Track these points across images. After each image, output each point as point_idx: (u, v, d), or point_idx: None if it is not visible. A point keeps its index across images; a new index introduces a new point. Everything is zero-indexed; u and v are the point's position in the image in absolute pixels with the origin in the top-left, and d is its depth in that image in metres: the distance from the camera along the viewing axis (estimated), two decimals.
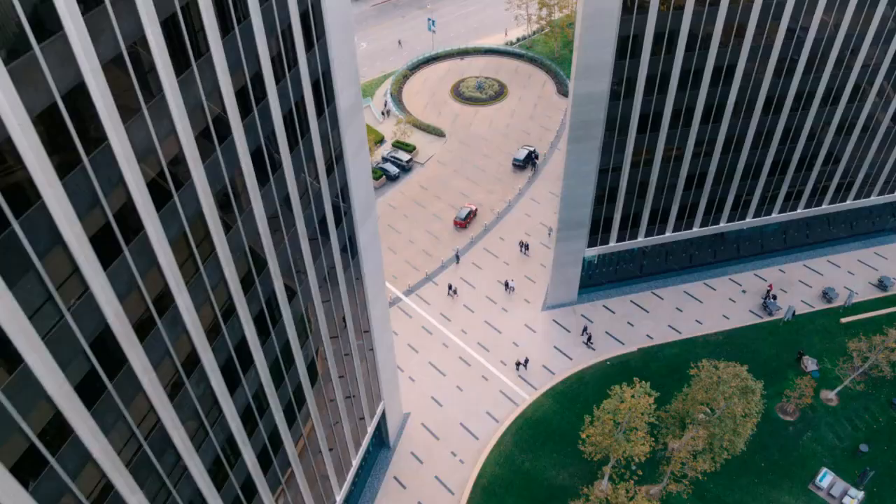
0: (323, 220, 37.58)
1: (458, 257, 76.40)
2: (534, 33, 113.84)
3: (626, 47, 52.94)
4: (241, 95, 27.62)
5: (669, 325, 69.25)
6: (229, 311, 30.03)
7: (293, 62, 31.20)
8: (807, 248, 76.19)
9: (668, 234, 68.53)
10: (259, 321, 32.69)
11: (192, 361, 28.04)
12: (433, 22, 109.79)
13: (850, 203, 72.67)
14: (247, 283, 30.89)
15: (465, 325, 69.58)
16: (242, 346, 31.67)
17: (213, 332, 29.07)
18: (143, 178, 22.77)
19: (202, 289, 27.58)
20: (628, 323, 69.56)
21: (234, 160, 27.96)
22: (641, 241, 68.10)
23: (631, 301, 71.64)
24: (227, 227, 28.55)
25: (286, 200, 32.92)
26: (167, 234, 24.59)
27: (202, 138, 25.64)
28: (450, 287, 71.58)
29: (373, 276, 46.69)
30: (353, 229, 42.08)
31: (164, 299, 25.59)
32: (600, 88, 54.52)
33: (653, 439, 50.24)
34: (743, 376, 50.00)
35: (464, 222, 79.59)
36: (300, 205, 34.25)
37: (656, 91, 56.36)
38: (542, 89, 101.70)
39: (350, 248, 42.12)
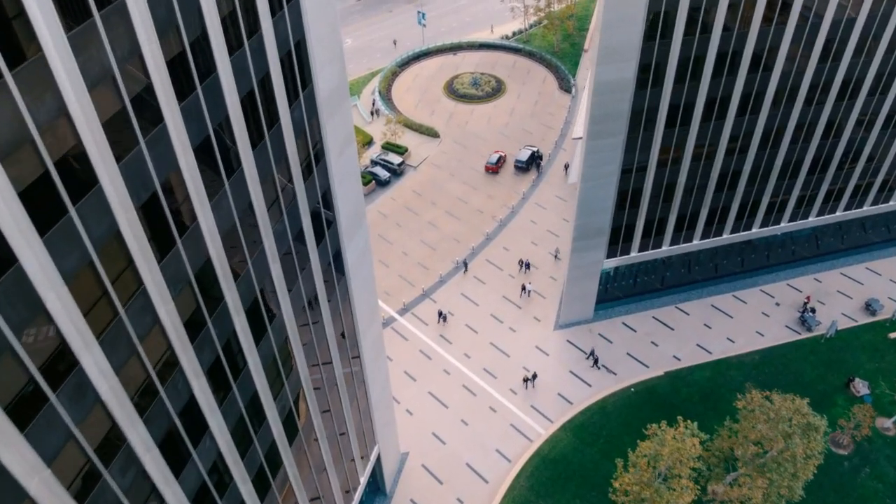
0: (300, 236, 29.51)
1: (465, 265, 68.45)
2: (531, 26, 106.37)
3: (657, 26, 45.26)
4: (176, 67, 19.58)
5: (698, 345, 61.49)
6: (169, 366, 21.88)
7: (254, 26, 23.16)
8: (842, 254, 68.75)
9: (695, 241, 60.86)
10: (214, 374, 24.54)
11: (113, 443, 19.87)
12: (423, 15, 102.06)
13: (893, 204, 65.31)
14: (194, 327, 22.77)
15: (469, 348, 61.53)
16: (191, 411, 23.51)
17: (144, 399, 20.92)
18: (11, 185, 14.68)
19: (123, 342, 19.44)
20: (652, 342, 61.73)
21: (167, 158, 19.89)
22: (666, 250, 60.39)
23: (653, 317, 63.86)
24: (162, 250, 20.47)
25: (248, 212, 24.82)
26: (59, 266, 16.47)
27: (115, 126, 17.57)
28: (440, 314, 63.25)
29: (364, 301, 38.64)
30: (340, 245, 34.02)
31: (64, 359, 17.46)
32: (625, 75, 46.78)
33: (698, 488, 42.41)
34: (804, 412, 42.32)
35: (495, 167, 79.56)
36: (268, 217, 26.15)
37: (688, 78, 48.70)
38: (542, 85, 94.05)
39: (335, 268, 34.05)
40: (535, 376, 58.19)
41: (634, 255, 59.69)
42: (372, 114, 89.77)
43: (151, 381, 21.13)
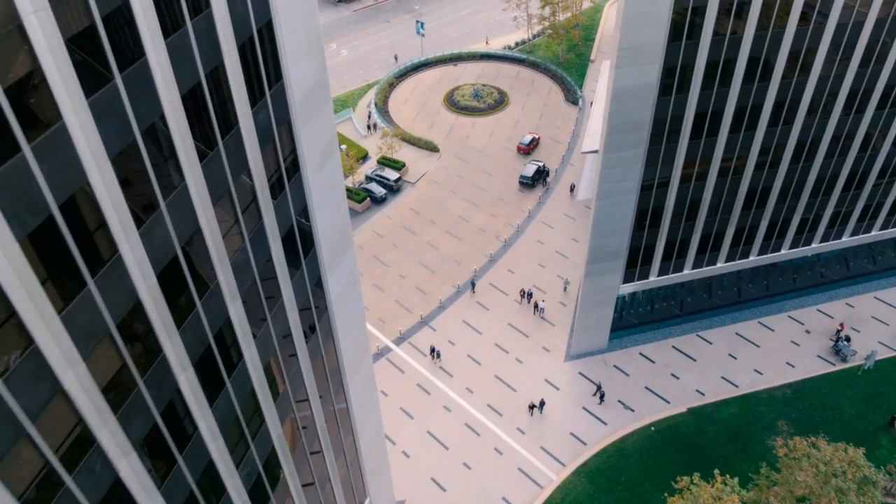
0: (269, 267, 24.16)
1: (473, 285, 63.14)
2: (535, 37, 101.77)
3: (683, 24, 40.23)
4: (82, 46, 14.36)
5: (723, 377, 55.96)
6: (81, 444, 16.46)
7: (200, 1, 17.97)
8: (875, 276, 63.38)
9: (719, 264, 55.53)
10: (153, 448, 19.12)
11: None
12: (422, 25, 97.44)
13: None
14: (119, 391, 17.38)
15: (471, 382, 55.97)
16: (119, 500, 18.04)
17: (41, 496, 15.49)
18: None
19: (7, 423, 14.06)
20: (672, 375, 56.20)
21: (71, 168, 14.60)
22: (688, 273, 55.03)
23: (673, 347, 58.36)
24: (66, 294, 15.13)
25: (195, 240, 19.50)
26: None
27: None
28: (432, 350, 57.50)
29: (351, 340, 33.20)
30: (320, 275, 28.66)
31: None
32: (647, 79, 41.70)
33: None
34: (860, 463, 36.75)
35: (527, 147, 78.60)
36: (223, 246, 20.81)
37: (717, 83, 43.61)
38: (547, 97, 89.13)
39: (315, 303, 28.66)
40: (542, 403, 52.85)
41: (653, 280, 54.34)
42: (368, 127, 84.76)
43: (53, 471, 15.70)
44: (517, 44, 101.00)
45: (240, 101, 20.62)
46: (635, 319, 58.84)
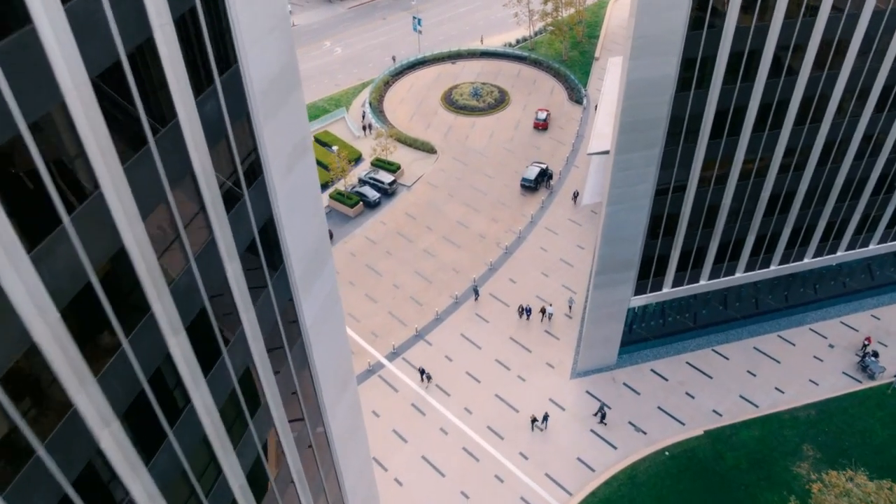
0: (223, 293, 20.06)
1: (476, 291, 59.14)
2: (536, 34, 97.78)
3: (705, 11, 36.19)
4: None
5: (741, 396, 51.89)
6: None
7: None
8: None
9: (738, 274, 51.45)
10: None
11: None
12: (419, 21, 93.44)
13: None
14: (18, 455, 13.31)
15: (470, 402, 51.87)
16: None
17: None
18: None
19: None
20: (687, 394, 52.13)
21: None
22: (704, 284, 50.96)
23: (687, 363, 54.26)
24: None
25: (119, 262, 15.41)
26: None
27: None
28: (422, 373, 53.13)
29: (332, 367, 29.09)
30: (293, 298, 24.56)
31: None
32: (664, 72, 37.68)
33: None
34: None
35: (544, 123, 78.41)
36: (159, 269, 16.72)
37: (741, 77, 39.57)
38: (550, 96, 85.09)
39: (286, 330, 24.55)
40: (545, 417, 49.02)
41: (667, 292, 50.26)
42: (364, 129, 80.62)
43: None
44: (518, 41, 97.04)
45: (179, 90, 16.52)
46: (646, 333, 54.79)
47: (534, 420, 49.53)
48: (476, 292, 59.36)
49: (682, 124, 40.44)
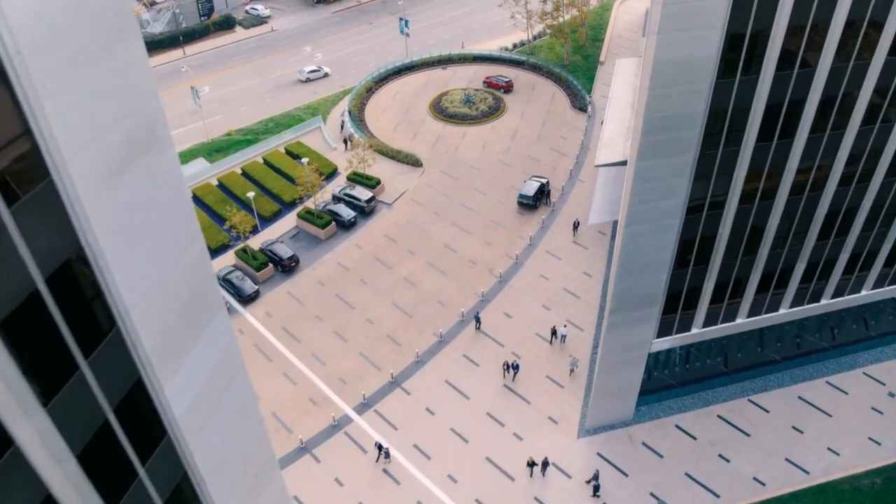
0: None
1: (478, 320, 50.07)
2: (535, 38, 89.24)
3: None
4: None
5: (788, 460, 42.34)
6: None
7: None
8: None
9: (782, 310, 42.14)
10: None
11: None
12: (406, 23, 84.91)
13: None
14: None
15: (455, 467, 42.28)
16: None
17: None
18: None
19: None
20: (720, 457, 42.56)
21: None
22: (741, 323, 41.64)
23: (719, 416, 44.77)
24: None
25: None
26: None
27: None
28: (379, 449, 42.49)
29: (230, 472, 19.62)
30: (143, 379, 15.15)
31: None
32: (703, 52, 28.60)
33: None
34: None
35: (506, 85, 74.95)
36: None
37: (800, 59, 30.52)
38: (550, 103, 76.23)
39: (133, 434, 15.14)
40: (545, 464, 39.96)
41: (697, 333, 40.92)
42: (345, 142, 71.41)
43: None
44: (515, 46, 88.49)
45: None
46: (669, 379, 45.37)
47: (532, 465, 40.44)
48: (478, 320, 50.16)
49: (723, 122, 31.34)
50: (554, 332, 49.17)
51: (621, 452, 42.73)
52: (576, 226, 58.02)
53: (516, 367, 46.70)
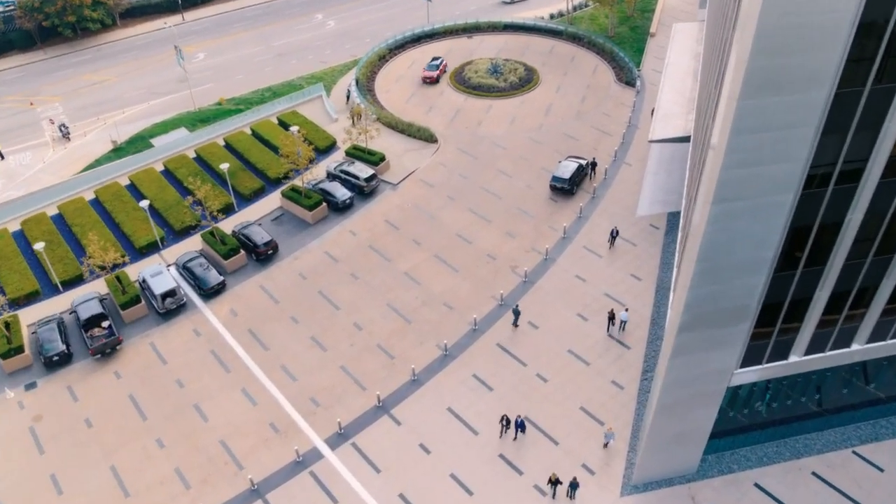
0: None
1: (517, 315, 39.78)
2: (576, 8, 78.25)
3: None
4: None
5: None
6: None
7: None
8: None
9: None
10: None
11: None
12: None
13: None
14: None
15: None
16: None
17: None
18: None
19: None
20: None
21: None
22: (858, 350, 30.04)
23: (813, 473, 33.13)
24: None
25: None
26: None
27: None
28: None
29: None
30: None
31: None
32: None
33: None
34: None
35: (435, 75, 61.84)
36: None
37: None
38: (592, 77, 64.96)
39: None
40: (575, 485, 29.61)
41: (796, 362, 29.42)
42: (352, 118, 60.46)
43: None
44: (552, 16, 77.45)
45: None
46: (745, 421, 33.86)
47: (555, 483, 29.74)
48: (516, 314, 39.77)
49: (878, 41, 19.98)
50: (612, 318, 38.57)
51: None
52: (614, 235, 45.82)
53: (521, 426, 34.47)
